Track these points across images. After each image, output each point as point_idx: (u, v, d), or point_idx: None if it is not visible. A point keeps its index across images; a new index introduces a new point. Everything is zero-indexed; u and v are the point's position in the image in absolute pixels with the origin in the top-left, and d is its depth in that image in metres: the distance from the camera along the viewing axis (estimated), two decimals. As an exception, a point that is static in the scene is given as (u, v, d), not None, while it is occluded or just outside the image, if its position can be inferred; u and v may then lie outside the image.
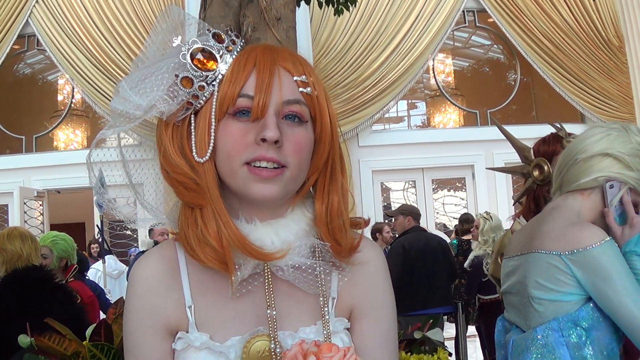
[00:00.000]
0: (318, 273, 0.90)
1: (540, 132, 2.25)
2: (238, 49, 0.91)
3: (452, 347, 5.96)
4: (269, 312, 0.87)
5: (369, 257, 0.96)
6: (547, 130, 2.20)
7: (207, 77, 0.88)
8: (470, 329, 6.19)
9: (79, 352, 1.75)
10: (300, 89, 0.89)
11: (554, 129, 2.16)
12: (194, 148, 0.88)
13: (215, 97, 0.88)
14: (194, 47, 0.89)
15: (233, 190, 0.90)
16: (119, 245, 8.83)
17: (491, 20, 8.93)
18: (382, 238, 6.29)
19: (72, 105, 9.48)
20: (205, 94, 0.88)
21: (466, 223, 6.32)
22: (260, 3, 2.15)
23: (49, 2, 8.21)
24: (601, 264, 1.37)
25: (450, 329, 6.25)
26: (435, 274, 5.12)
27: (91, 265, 6.44)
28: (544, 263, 1.46)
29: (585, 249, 1.39)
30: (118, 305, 2.01)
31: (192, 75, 0.88)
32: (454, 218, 8.52)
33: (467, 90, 10.05)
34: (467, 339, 6.20)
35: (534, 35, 8.52)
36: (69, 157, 8.35)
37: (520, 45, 8.61)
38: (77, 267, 3.65)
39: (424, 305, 4.94)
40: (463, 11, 8.83)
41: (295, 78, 0.89)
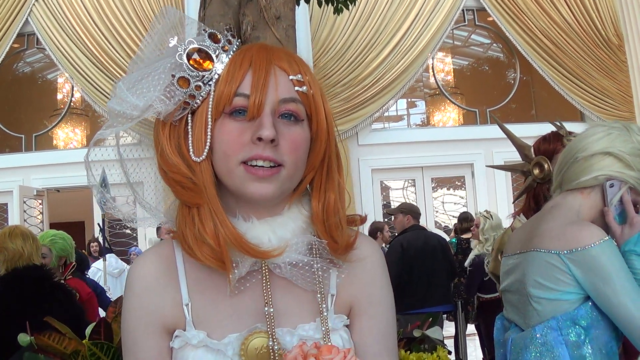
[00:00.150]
0: (315, 270, 0.91)
1: (540, 130, 2.25)
2: (234, 49, 0.91)
3: (452, 345, 5.96)
4: (266, 309, 0.88)
5: (366, 254, 0.96)
6: (546, 128, 2.20)
7: (204, 76, 0.89)
8: (470, 328, 6.19)
9: (79, 351, 1.75)
10: (296, 87, 0.89)
11: (553, 128, 2.16)
12: (191, 147, 0.89)
13: (211, 96, 0.88)
14: (190, 47, 0.89)
15: (230, 190, 0.90)
16: (119, 244, 8.83)
17: (491, 19, 8.93)
18: (382, 237, 6.29)
19: (72, 104, 9.48)
20: (202, 94, 0.89)
21: (465, 222, 6.32)
22: (260, 2, 2.14)
23: (48, 1, 8.21)
24: (600, 264, 1.37)
25: (449, 328, 6.25)
26: (434, 272, 5.11)
27: (91, 264, 6.44)
28: (543, 262, 1.46)
29: (584, 248, 1.39)
30: (118, 303, 1.99)
31: (189, 75, 0.88)
32: (454, 217, 8.52)
33: (467, 88, 10.05)
34: (467, 337, 6.21)
35: (534, 34, 8.52)
36: (68, 155, 8.34)
37: (519, 44, 8.62)
38: (76, 265, 3.65)
39: (423, 303, 4.93)
40: (462, 10, 8.84)
41: (290, 77, 0.89)
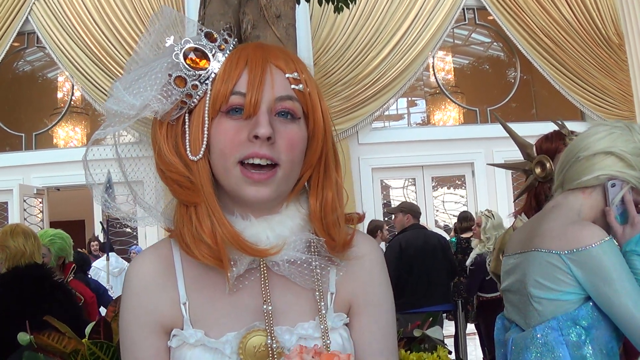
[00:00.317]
0: (314, 268, 0.90)
1: (540, 129, 2.25)
2: (230, 48, 0.91)
3: (452, 345, 5.96)
4: (265, 307, 0.87)
5: (364, 252, 0.96)
6: (547, 127, 2.19)
7: (200, 76, 0.89)
8: (470, 327, 6.19)
9: (78, 350, 1.75)
10: (292, 85, 0.89)
11: (553, 127, 2.15)
12: (188, 146, 0.89)
13: (208, 95, 0.88)
14: (187, 46, 0.89)
15: (226, 190, 0.90)
16: (119, 243, 8.83)
17: (491, 17, 8.91)
18: (381, 235, 6.29)
19: (72, 103, 9.46)
20: (199, 93, 0.89)
21: (465, 221, 6.32)
22: (260, 0, 2.14)
23: (48, 0, 8.20)
24: (601, 264, 1.37)
25: (449, 327, 6.25)
26: (434, 271, 5.11)
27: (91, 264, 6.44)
28: (543, 262, 1.46)
29: (585, 249, 1.38)
30: (117, 303, 1.99)
31: (185, 74, 0.89)
32: (454, 216, 8.52)
33: (467, 87, 10.03)
34: (467, 336, 6.21)
35: (534, 32, 8.50)
36: (68, 154, 8.33)
37: (520, 43, 8.60)
38: (75, 266, 3.64)
39: (423, 303, 4.93)
40: (463, 9, 8.82)
41: (287, 75, 0.89)
